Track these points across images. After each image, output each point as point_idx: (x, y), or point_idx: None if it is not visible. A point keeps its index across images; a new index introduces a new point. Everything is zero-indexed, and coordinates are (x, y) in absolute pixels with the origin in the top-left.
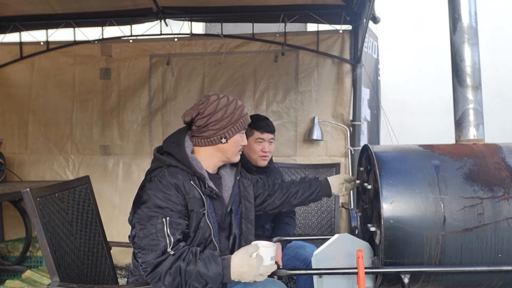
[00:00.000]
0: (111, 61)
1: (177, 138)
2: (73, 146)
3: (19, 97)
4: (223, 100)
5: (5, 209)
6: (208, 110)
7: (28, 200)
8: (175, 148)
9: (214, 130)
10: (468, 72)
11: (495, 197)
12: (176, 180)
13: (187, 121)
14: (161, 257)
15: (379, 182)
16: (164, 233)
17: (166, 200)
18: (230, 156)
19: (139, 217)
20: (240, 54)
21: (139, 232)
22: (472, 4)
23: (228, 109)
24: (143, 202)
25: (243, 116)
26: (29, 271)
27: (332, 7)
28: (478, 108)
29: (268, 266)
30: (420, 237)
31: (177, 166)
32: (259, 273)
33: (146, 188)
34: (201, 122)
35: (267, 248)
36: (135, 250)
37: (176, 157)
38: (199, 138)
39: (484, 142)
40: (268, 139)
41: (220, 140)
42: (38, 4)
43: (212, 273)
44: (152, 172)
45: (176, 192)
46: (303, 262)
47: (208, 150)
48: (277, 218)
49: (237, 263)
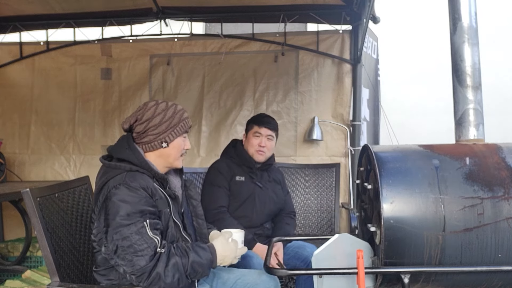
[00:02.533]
0: (112, 61)
1: (128, 144)
2: (75, 146)
3: (19, 97)
4: (161, 105)
5: (5, 209)
6: (146, 116)
7: (28, 200)
8: (130, 154)
9: (153, 135)
10: (468, 72)
11: (495, 197)
12: (142, 183)
13: (126, 128)
14: (154, 258)
15: (379, 182)
16: (149, 235)
17: (139, 204)
18: (172, 161)
19: (117, 229)
20: (240, 54)
21: (122, 243)
22: (472, 4)
23: (166, 114)
24: (115, 213)
25: (183, 120)
26: (29, 271)
27: (332, 7)
28: (478, 108)
29: (241, 249)
30: (420, 237)
31: (138, 170)
32: (235, 256)
33: (114, 197)
34: (140, 128)
35: (238, 233)
36: (120, 262)
37: (134, 162)
38: (140, 144)
39: (484, 142)
40: (265, 134)
41: (161, 145)
42: (38, 4)
43: (205, 260)
44: (111, 181)
45: (146, 193)
46: (303, 262)
47: (151, 156)
48: (277, 218)
49: (221, 248)
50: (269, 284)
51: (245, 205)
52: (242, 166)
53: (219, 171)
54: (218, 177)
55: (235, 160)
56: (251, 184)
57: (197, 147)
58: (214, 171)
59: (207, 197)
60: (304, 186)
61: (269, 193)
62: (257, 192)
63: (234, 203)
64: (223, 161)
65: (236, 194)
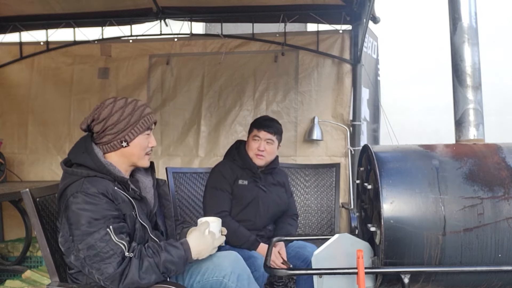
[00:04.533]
0: (110, 61)
1: (85, 147)
2: (70, 146)
3: (18, 97)
4: (119, 102)
5: (5, 209)
6: (103, 115)
7: (28, 201)
8: (87, 158)
9: (112, 135)
10: (468, 72)
11: (495, 197)
12: (100, 188)
13: (83, 128)
14: (123, 263)
15: (379, 182)
16: (114, 241)
17: (100, 210)
18: (136, 160)
19: (80, 238)
20: (240, 54)
21: (87, 252)
22: (472, 4)
23: (125, 111)
24: (76, 222)
25: (144, 116)
26: (29, 271)
27: (332, 7)
28: (478, 108)
29: (219, 239)
30: (420, 237)
31: (96, 175)
32: (213, 247)
33: (73, 206)
34: (98, 128)
35: (215, 222)
36: (91, 270)
37: (91, 167)
38: (100, 144)
39: (484, 142)
40: (264, 138)
41: (121, 144)
42: (38, 4)
43: (177, 257)
44: (69, 188)
45: (106, 199)
46: (304, 261)
47: (113, 156)
48: (279, 219)
49: (195, 243)
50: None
51: (248, 209)
52: (246, 169)
53: (222, 174)
54: (221, 180)
55: (238, 163)
56: (254, 188)
57: (196, 147)
58: (217, 174)
59: (209, 201)
60: (304, 186)
61: (273, 196)
62: (260, 196)
63: (237, 206)
64: (226, 163)
65: (239, 197)
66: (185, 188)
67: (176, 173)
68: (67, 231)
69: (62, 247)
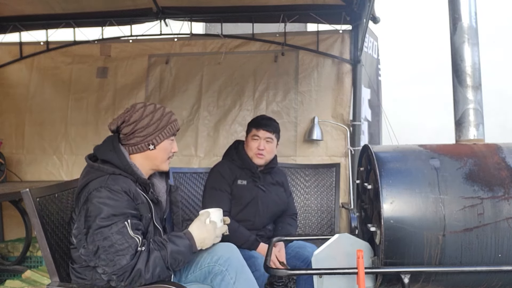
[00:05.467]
0: (109, 61)
1: (113, 146)
2: (67, 145)
3: (17, 96)
4: (149, 107)
5: (5, 209)
6: (134, 118)
7: (28, 201)
8: (114, 156)
9: (141, 137)
10: (468, 72)
11: (495, 197)
12: (124, 186)
13: (112, 129)
14: (135, 256)
15: (379, 182)
16: (130, 235)
17: (121, 207)
18: (159, 163)
19: (97, 230)
20: (240, 54)
21: (103, 243)
22: (472, 4)
23: (154, 116)
24: (96, 215)
25: (172, 123)
26: (29, 271)
27: (332, 7)
28: (478, 108)
29: (221, 228)
30: (420, 237)
31: (121, 174)
32: (216, 236)
33: (95, 199)
34: (127, 130)
35: (216, 212)
36: (100, 262)
37: (117, 165)
38: (127, 145)
39: (484, 142)
40: (264, 137)
41: (148, 147)
42: (38, 4)
43: (183, 247)
44: (92, 183)
45: (127, 197)
46: (303, 261)
47: (137, 158)
48: (279, 219)
49: (198, 232)
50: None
51: (248, 209)
52: (245, 169)
53: (221, 174)
54: (220, 181)
55: (237, 163)
56: (254, 188)
57: (195, 147)
58: (216, 174)
59: (208, 201)
60: (304, 186)
61: (272, 196)
62: (260, 196)
63: (236, 206)
64: (225, 164)
65: (238, 197)
66: (185, 188)
67: (175, 173)
68: (82, 223)
69: (75, 239)
